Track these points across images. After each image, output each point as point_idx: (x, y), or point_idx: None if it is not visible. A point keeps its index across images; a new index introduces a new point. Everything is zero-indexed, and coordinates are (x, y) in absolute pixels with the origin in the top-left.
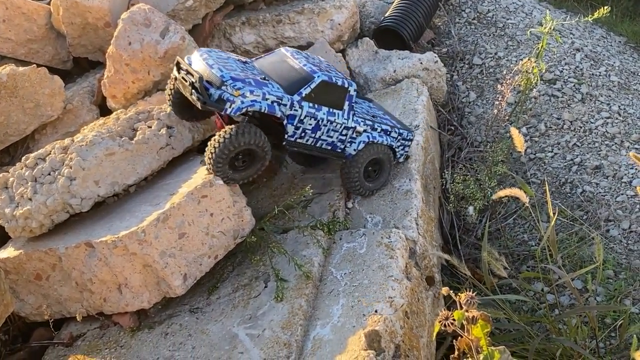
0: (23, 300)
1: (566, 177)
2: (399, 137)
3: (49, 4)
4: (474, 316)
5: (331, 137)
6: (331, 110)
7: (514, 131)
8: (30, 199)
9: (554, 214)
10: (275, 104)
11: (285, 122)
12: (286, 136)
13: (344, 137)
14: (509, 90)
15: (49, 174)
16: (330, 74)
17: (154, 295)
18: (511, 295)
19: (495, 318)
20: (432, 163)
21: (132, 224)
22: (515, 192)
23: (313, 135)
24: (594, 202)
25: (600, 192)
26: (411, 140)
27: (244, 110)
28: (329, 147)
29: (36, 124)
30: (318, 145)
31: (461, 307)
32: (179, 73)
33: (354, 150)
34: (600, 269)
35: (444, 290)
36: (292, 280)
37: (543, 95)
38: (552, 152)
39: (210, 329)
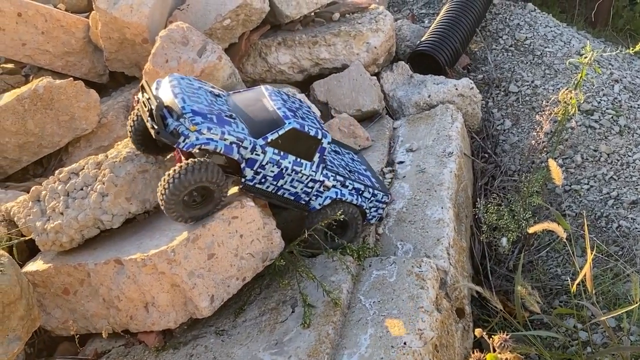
0: (49, 314)
1: (602, 210)
2: (372, 198)
3: (87, 17)
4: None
5: (295, 187)
6: (299, 160)
7: (552, 163)
8: (61, 213)
9: (590, 248)
10: (234, 145)
11: (243, 165)
12: (243, 180)
13: (309, 190)
14: (547, 121)
15: (82, 189)
16: (304, 122)
17: (181, 316)
18: (543, 331)
19: (526, 354)
20: (465, 191)
21: (162, 242)
22: (552, 226)
23: (274, 182)
24: (630, 238)
25: (636, 228)
26: (386, 203)
27: (197, 147)
28: (292, 198)
29: (70, 137)
30: (279, 193)
31: (494, 350)
32: (142, 96)
33: (319, 205)
34: (636, 309)
35: (478, 332)
36: (319, 307)
37: (580, 126)
38: (587, 184)
39: (235, 352)
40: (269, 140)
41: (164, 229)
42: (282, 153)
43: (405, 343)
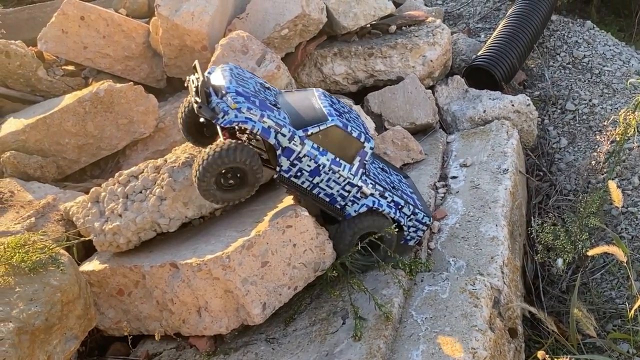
0: (103, 314)
1: None
2: (412, 217)
3: (147, 23)
4: None
5: (331, 188)
6: (338, 159)
7: (611, 185)
8: (120, 215)
9: None
10: (271, 129)
11: (279, 152)
12: (278, 169)
13: (345, 194)
14: (608, 141)
15: (141, 192)
16: (348, 123)
17: (233, 322)
18: (597, 355)
19: None
20: (520, 209)
21: (217, 248)
22: (612, 249)
23: (310, 179)
24: None
25: None
26: (427, 225)
27: (235, 124)
28: (327, 199)
29: (128, 140)
30: (314, 192)
31: None
32: (193, 77)
33: (354, 211)
34: None
35: (540, 354)
36: (370, 320)
37: (639, 147)
38: None
39: None
40: (309, 132)
41: (219, 234)
42: (321, 149)
43: None
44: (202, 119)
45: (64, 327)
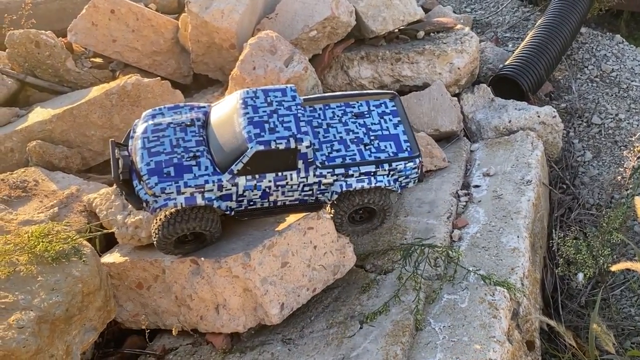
0: (121, 307)
1: None
2: (392, 172)
3: (176, 19)
4: None
5: (292, 195)
6: (280, 174)
7: (638, 201)
8: None
9: None
10: (196, 194)
11: (217, 204)
12: (228, 212)
13: (309, 192)
14: (635, 157)
15: None
16: (272, 137)
17: (250, 320)
18: None
19: None
20: (541, 221)
21: (238, 246)
22: (634, 266)
23: (264, 200)
24: None
25: None
26: (415, 168)
27: (159, 209)
28: (296, 203)
29: None
30: (279, 205)
31: None
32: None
33: (329, 199)
34: None
35: None
36: (388, 326)
37: None
38: None
39: None
40: (234, 172)
41: (240, 233)
42: (257, 176)
43: None
44: None
45: (84, 318)
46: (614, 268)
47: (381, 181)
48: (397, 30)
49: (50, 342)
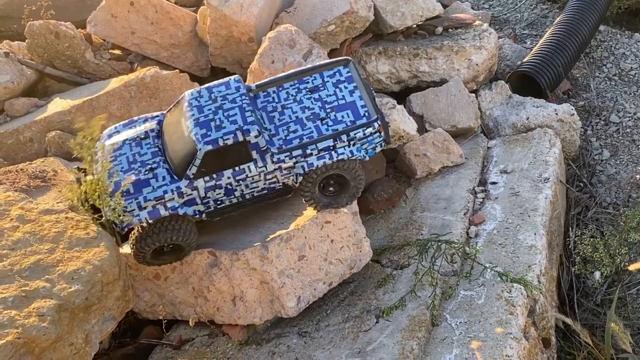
0: (139, 297)
1: None
2: (353, 141)
3: (195, 12)
4: None
5: (257, 186)
6: (238, 169)
7: None
8: None
9: None
10: (158, 206)
11: (182, 212)
12: (197, 216)
13: (274, 179)
14: None
15: None
16: (218, 134)
17: (266, 313)
18: None
19: None
20: (558, 219)
21: (255, 239)
22: None
23: (231, 197)
24: None
25: None
26: (376, 132)
27: (127, 228)
28: (265, 192)
29: None
30: (248, 198)
31: None
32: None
33: (295, 182)
34: None
35: None
36: (404, 321)
37: None
38: None
39: (317, 356)
40: (191, 176)
41: (258, 226)
42: (214, 175)
43: None
44: None
45: (103, 307)
46: (631, 267)
47: (342, 153)
48: (415, 25)
49: (69, 330)
